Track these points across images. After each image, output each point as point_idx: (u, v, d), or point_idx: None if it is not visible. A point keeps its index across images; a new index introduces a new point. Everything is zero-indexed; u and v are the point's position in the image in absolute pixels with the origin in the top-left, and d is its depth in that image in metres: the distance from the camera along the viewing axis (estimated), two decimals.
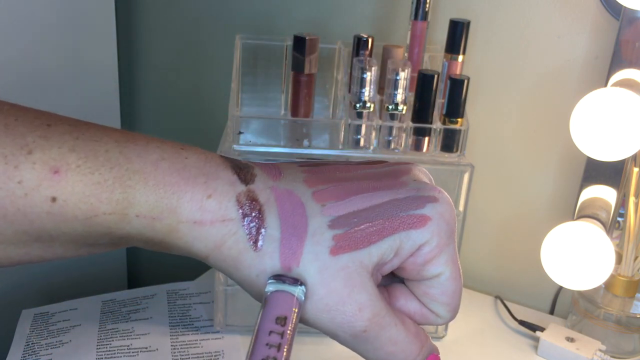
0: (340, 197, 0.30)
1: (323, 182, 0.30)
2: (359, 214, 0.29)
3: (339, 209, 0.30)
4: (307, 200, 0.30)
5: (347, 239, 0.29)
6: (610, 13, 0.68)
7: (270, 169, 0.31)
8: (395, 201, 0.30)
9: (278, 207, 0.29)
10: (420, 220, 0.30)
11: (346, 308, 0.29)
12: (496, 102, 0.77)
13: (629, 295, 0.69)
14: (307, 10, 0.85)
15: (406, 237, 0.30)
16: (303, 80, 0.67)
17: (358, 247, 0.29)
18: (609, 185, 0.70)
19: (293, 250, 0.29)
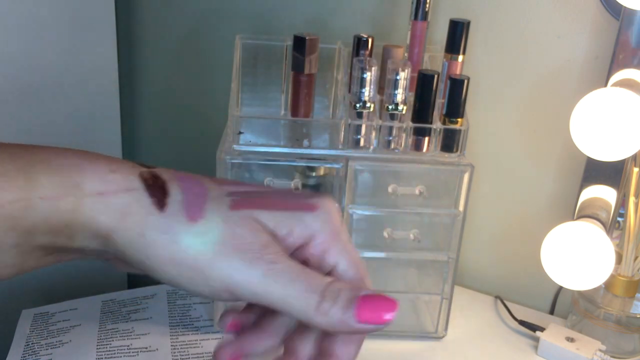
0: (235, 184, 0.34)
1: (222, 181, 0.34)
2: (255, 193, 0.33)
3: (237, 189, 0.33)
4: (205, 181, 0.33)
5: (243, 200, 0.32)
6: (610, 13, 0.68)
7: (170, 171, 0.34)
8: (289, 192, 0.35)
9: (180, 182, 0.32)
10: (310, 206, 0.33)
11: (253, 247, 0.31)
12: (496, 102, 0.77)
13: (629, 295, 0.69)
14: (307, 10, 0.85)
15: (298, 218, 0.32)
16: (303, 80, 0.67)
17: (254, 207, 0.32)
18: (609, 185, 0.70)
19: (197, 206, 0.31)
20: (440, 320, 0.71)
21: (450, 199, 0.67)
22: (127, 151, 1.04)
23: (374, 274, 0.73)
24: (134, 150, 1.06)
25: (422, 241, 0.69)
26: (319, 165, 0.68)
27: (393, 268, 0.76)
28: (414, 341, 0.71)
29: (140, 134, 1.05)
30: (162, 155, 1.05)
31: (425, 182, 0.67)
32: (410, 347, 0.70)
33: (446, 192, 0.67)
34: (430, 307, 0.74)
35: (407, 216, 0.69)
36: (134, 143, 1.06)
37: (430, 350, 0.70)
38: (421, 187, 0.67)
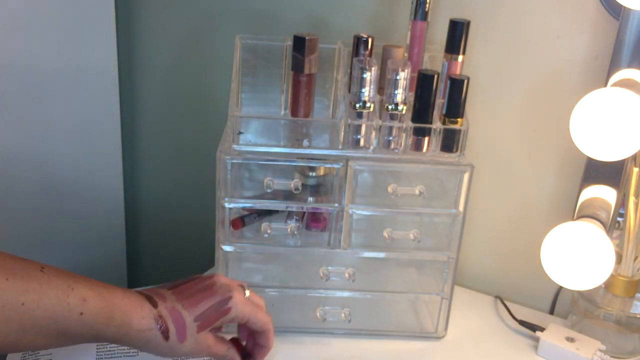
0: (195, 305, 0.57)
1: (183, 298, 0.57)
2: (204, 313, 0.57)
3: (196, 312, 0.57)
4: (181, 310, 0.56)
5: (202, 326, 0.56)
6: (610, 13, 0.68)
7: (160, 297, 0.56)
8: (215, 304, 0.57)
9: (172, 317, 0.55)
10: (227, 310, 0.58)
11: (203, 348, 0.57)
12: (496, 102, 0.77)
13: (629, 295, 0.69)
14: (307, 10, 0.85)
15: (226, 318, 0.58)
16: (303, 80, 0.67)
17: (207, 327, 0.57)
18: (609, 185, 0.70)
19: (182, 335, 0.55)
20: (440, 320, 0.71)
21: (450, 199, 0.67)
22: (127, 151, 1.04)
23: (374, 274, 0.73)
24: (134, 150, 1.06)
25: (422, 241, 0.69)
26: (319, 165, 0.68)
27: (393, 268, 0.76)
28: (414, 341, 0.71)
29: (140, 134, 1.05)
30: (162, 155, 1.05)
31: (425, 182, 0.67)
32: (410, 347, 0.70)
33: (446, 192, 0.67)
34: (430, 307, 0.74)
35: (407, 216, 0.69)
36: (134, 143, 1.06)
37: (430, 350, 0.70)
38: (421, 187, 0.67)
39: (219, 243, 0.67)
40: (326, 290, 0.71)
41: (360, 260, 0.71)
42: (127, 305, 0.54)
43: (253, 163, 0.65)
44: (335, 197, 0.66)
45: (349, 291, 0.71)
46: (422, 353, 0.70)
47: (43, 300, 0.49)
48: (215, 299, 0.57)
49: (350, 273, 0.70)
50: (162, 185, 1.08)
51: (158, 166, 1.07)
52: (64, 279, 0.52)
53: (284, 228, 0.67)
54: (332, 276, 0.70)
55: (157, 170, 1.07)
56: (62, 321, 0.51)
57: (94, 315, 0.52)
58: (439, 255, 0.69)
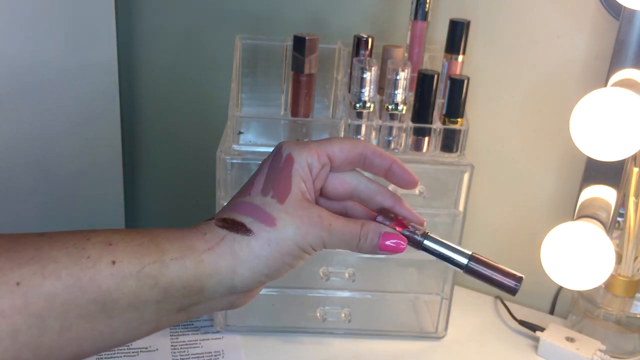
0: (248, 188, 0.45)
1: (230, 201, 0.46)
2: (266, 187, 0.44)
3: (255, 191, 0.45)
4: (239, 199, 0.44)
5: (279, 194, 0.44)
6: (610, 13, 0.68)
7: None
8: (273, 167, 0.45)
9: (236, 211, 0.43)
10: (289, 157, 0.45)
11: (314, 220, 0.43)
12: (496, 102, 0.77)
13: (629, 295, 0.69)
14: (307, 10, 0.85)
15: (297, 171, 0.44)
16: (303, 80, 0.67)
17: (288, 192, 0.44)
18: (609, 185, 0.70)
19: (266, 217, 0.43)
20: (440, 320, 0.71)
21: (450, 199, 0.67)
22: (127, 151, 1.04)
23: (374, 274, 0.73)
24: (134, 150, 1.06)
25: None
26: None
27: (393, 268, 0.76)
28: (414, 341, 0.71)
29: (140, 134, 1.05)
30: (162, 156, 1.05)
31: (425, 182, 0.67)
32: (410, 347, 0.70)
33: (446, 192, 0.67)
34: (430, 307, 0.74)
35: None
36: (134, 143, 1.06)
37: (430, 350, 0.70)
38: (421, 187, 0.67)
39: None
40: (326, 290, 0.70)
41: (360, 260, 0.71)
42: (173, 233, 0.42)
43: (253, 163, 0.65)
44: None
45: (349, 291, 0.71)
46: (422, 353, 0.70)
47: (48, 268, 0.36)
48: (263, 166, 0.46)
49: (350, 273, 0.70)
50: (162, 185, 1.08)
51: (158, 166, 1.07)
52: (73, 234, 0.39)
53: None
54: (332, 276, 0.70)
55: (157, 170, 1.07)
56: (92, 285, 0.37)
57: (134, 256, 0.39)
58: None
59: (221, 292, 0.42)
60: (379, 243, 0.46)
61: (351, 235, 0.45)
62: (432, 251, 0.49)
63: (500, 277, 0.49)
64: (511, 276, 0.50)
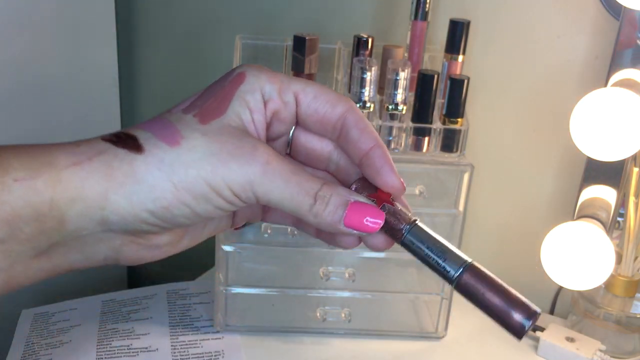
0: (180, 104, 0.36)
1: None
2: (197, 100, 0.34)
3: (181, 106, 0.35)
4: (163, 115, 0.35)
5: (204, 112, 0.33)
6: (610, 13, 0.68)
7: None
8: (218, 85, 0.35)
9: (140, 125, 0.33)
10: (240, 76, 0.35)
11: (244, 151, 0.32)
12: (496, 102, 0.77)
13: (629, 295, 0.69)
14: (307, 10, 0.85)
15: (243, 92, 0.34)
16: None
17: (218, 116, 0.33)
18: (609, 185, 0.70)
19: (170, 133, 0.32)
20: (440, 320, 0.71)
21: (450, 199, 0.67)
22: None
23: (374, 274, 0.73)
24: None
25: None
26: None
27: (393, 268, 0.76)
28: (414, 341, 0.71)
29: None
30: None
31: (425, 182, 0.67)
32: (410, 347, 0.70)
33: (446, 192, 0.67)
34: (430, 307, 0.74)
35: None
36: None
37: (430, 350, 0.70)
38: (421, 187, 0.67)
39: (219, 243, 0.67)
40: (326, 290, 0.70)
41: (360, 260, 0.71)
42: (31, 147, 0.31)
43: None
44: None
45: (349, 291, 0.71)
46: (422, 353, 0.70)
47: None
48: (215, 87, 0.35)
49: (350, 273, 0.70)
50: None
51: None
52: None
53: (284, 228, 0.67)
54: (332, 276, 0.70)
55: None
56: None
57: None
58: None
59: (91, 229, 0.31)
60: (344, 214, 0.33)
61: (301, 189, 0.33)
62: (414, 249, 0.36)
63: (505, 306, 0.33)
64: (521, 308, 0.33)
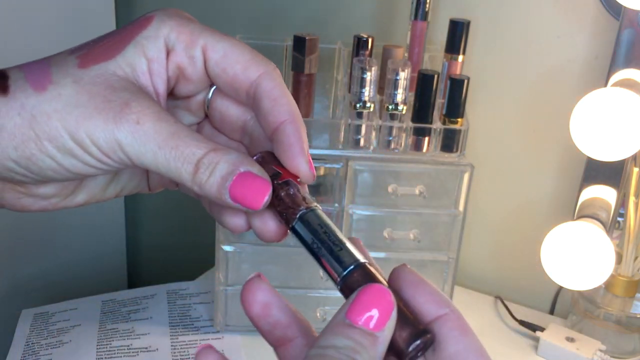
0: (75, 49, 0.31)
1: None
2: (94, 42, 0.31)
3: (76, 48, 0.31)
4: (51, 56, 0.30)
5: (89, 55, 0.30)
6: (610, 13, 0.68)
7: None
8: (122, 29, 0.31)
9: (21, 66, 0.30)
10: (146, 19, 0.31)
11: (114, 105, 0.29)
12: (496, 102, 0.77)
13: (629, 295, 0.69)
14: (307, 10, 0.85)
15: (143, 38, 0.30)
16: (303, 80, 0.67)
17: (103, 60, 0.30)
18: (609, 185, 0.70)
19: (41, 76, 0.29)
20: None
21: (450, 199, 0.67)
22: None
23: None
24: None
25: (422, 241, 0.69)
26: (319, 165, 0.68)
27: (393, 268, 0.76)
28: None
29: None
30: None
31: (425, 182, 0.67)
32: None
33: (446, 192, 0.67)
34: None
35: (407, 216, 0.69)
36: None
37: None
38: (421, 187, 0.67)
39: (219, 243, 0.67)
40: (326, 290, 0.70)
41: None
42: None
43: None
44: (335, 197, 0.66)
45: None
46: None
47: None
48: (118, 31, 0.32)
49: None
50: None
51: None
52: None
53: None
54: None
55: None
56: None
57: None
58: (439, 255, 0.69)
59: None
60: (230, 183, 0.29)
61: (178, 155, 0.29)
62: (304, 238, 0.31)
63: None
64: (410, 328, 0.29)
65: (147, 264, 1.14)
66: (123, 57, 0.30)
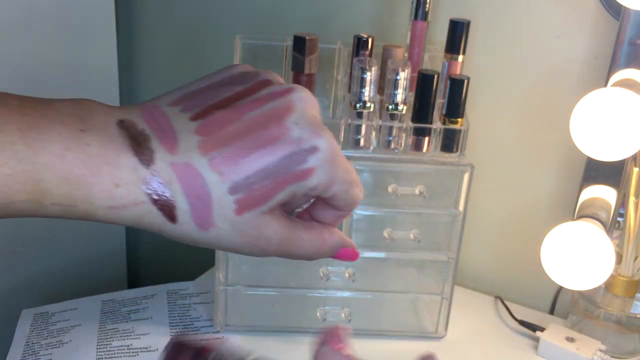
0: (233, 161, 0.33)
1: (216, 145, 0.33)
2: (251, 177, 0.33)
3: (233, 175, 0.33)
4: (205, 171, 0.33)
5: (246, 201, 0.33)
6: (610, 13, 0.68)
7: (167, 138, 0.33)
8: (282, 160, 0.34)
9: (180, 184, 0.32)
10: (306, 173, 0.34)
11: (260, 242, 0.35)
12: (496, 102, 0.77)
13: (629, 295, 0.69)
14: (307, 10, 0.85)
15: (297, 187, 0.34)
16: (303, 80, 0.67)
17: (258, 206, 0.34)
18: (609, 185, 0.70)
19: (204, 217, 0.33)
20: (440, 320, 0.71)
21: (450, 199, 0.67)
22: None
23: (373, 274, 0.73)
24: None
25: (422, 241, 0.69)
26: None
27: (393, 268, 0.76)
28: (414, 341, 0.71)
29: None
30: None
31: (425, 182, 0.67)
32: (410, 347, 0.70)
33: (446, 192, 0.67)
34: (430, 307, 0.74)
35: (407, 216, 0.69)
36: None
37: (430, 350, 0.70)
38: (421, 187, 0.67)
39: None
40: (326, 290, 0.70)
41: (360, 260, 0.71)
42: (81, 165, 0.31)
43: None
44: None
45: (349, 291, 0.71)
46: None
47: None
48: (280, 150, 0.34)
49: (350, 273, 0.70)
50: None
51: None
52: None
53: None
54: (332, 276, 0.70)
55: None
56: None
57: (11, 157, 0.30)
58: (439, 255, 0.69)
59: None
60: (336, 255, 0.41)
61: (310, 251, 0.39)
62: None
63: None
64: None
65: (147, 264, 1.14)
66: (273, 201, 0.34)
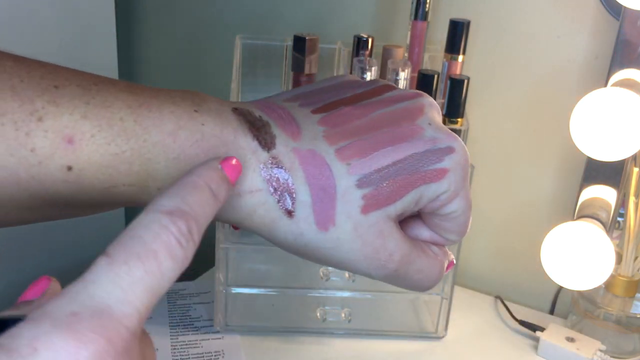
0: (363, 153, 0.30)
1: (343, 137, 0.30)
2: (382, 171, 0.30)
3: (363, 167, 0.30)
4: (332, 160, 0.30)
5: (374, 197, 0.30)
6: (610, 13, 0.68)
7: (288, 125, 0.30)
8: (415, 156, 0.31)
9: (304, 171, 0.30)
10: (440, 173, 0.32)
11: (380, 255, 0.31)
12: (496, 102, 0.77)
13: (629, 295, 0.69)
14: (307, 10, 0.85)
15: (426, 189, 0.32)
16: (303, 80, 0.67)
17: (385, 204, 0.31)
18: (609, 185, 0.70)
19: (326, 212, 0.30)
20: (440, 320, 0.71)
21: None
22: None
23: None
24: None
25: None
26: None
27: None
28: (414, 341, 0.71)
29: None
30: None
31: None
32: (410, 347, 0.70)
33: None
34: (430, 307, 0.74)
35: None
36: None
37: (430, 350, 0.70)
38: None
39: (219, 243, 0.67)
40: (326, 290, 0.70)
41: None
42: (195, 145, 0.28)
43: None
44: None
45: (349, 291, 0.71)
46: (422, 353, 0.70)
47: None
48: (414, 147, 0.31)
49: (350, 273, 0.70)
50: None
51: None
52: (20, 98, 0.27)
53: None
54: (332, 276, 0.70)
55: None
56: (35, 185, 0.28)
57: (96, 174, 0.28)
58: None
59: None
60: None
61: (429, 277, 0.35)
62: None
63: None
64: None
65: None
66: (401, 203, 0.31)
